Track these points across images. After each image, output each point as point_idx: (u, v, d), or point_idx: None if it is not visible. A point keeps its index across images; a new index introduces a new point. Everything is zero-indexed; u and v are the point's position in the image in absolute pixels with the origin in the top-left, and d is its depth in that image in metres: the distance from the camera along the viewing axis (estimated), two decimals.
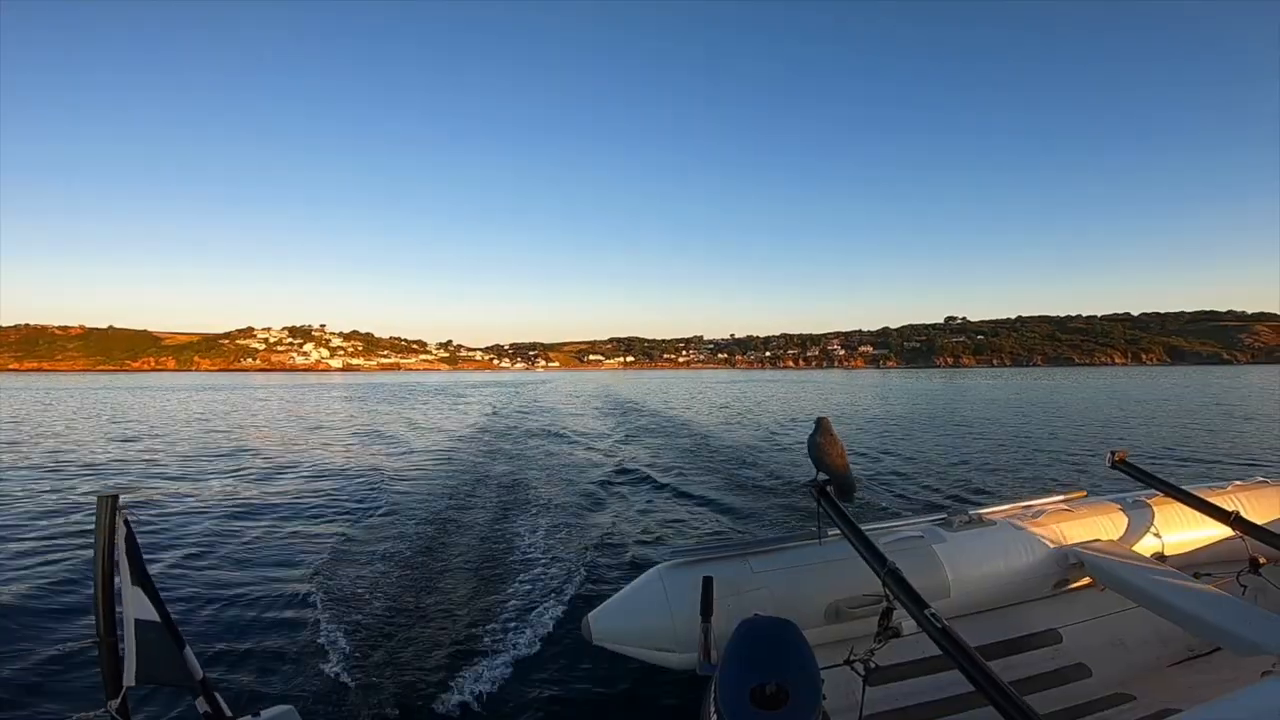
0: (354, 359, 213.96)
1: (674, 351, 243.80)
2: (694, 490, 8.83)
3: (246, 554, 6.05)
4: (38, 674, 3.78)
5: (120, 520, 1.44)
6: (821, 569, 2.82)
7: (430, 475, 10.43)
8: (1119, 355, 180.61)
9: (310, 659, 3.87)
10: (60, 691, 3.57)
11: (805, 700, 1.04)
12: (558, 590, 4.92)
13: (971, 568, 3.00)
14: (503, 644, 4.01)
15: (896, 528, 3.22)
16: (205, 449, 13.99)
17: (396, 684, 3.56)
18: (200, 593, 4.99)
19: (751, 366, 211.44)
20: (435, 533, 6.67)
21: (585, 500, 8.31)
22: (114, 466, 11.43)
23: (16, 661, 3.94)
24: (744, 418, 21.49)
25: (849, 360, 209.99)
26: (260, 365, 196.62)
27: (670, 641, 2.62)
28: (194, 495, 8.72)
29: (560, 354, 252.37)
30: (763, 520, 7.08)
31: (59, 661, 3.91)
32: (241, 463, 11.88)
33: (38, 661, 3.92)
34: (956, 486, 9.08)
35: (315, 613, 4.57)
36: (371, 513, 7.66)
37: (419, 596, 4.90)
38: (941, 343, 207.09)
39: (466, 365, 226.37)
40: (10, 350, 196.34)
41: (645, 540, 6.38)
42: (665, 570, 2.81)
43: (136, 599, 1.46)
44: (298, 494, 8.85)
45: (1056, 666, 3.00)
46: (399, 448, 14.35)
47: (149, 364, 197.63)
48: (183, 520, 7.28)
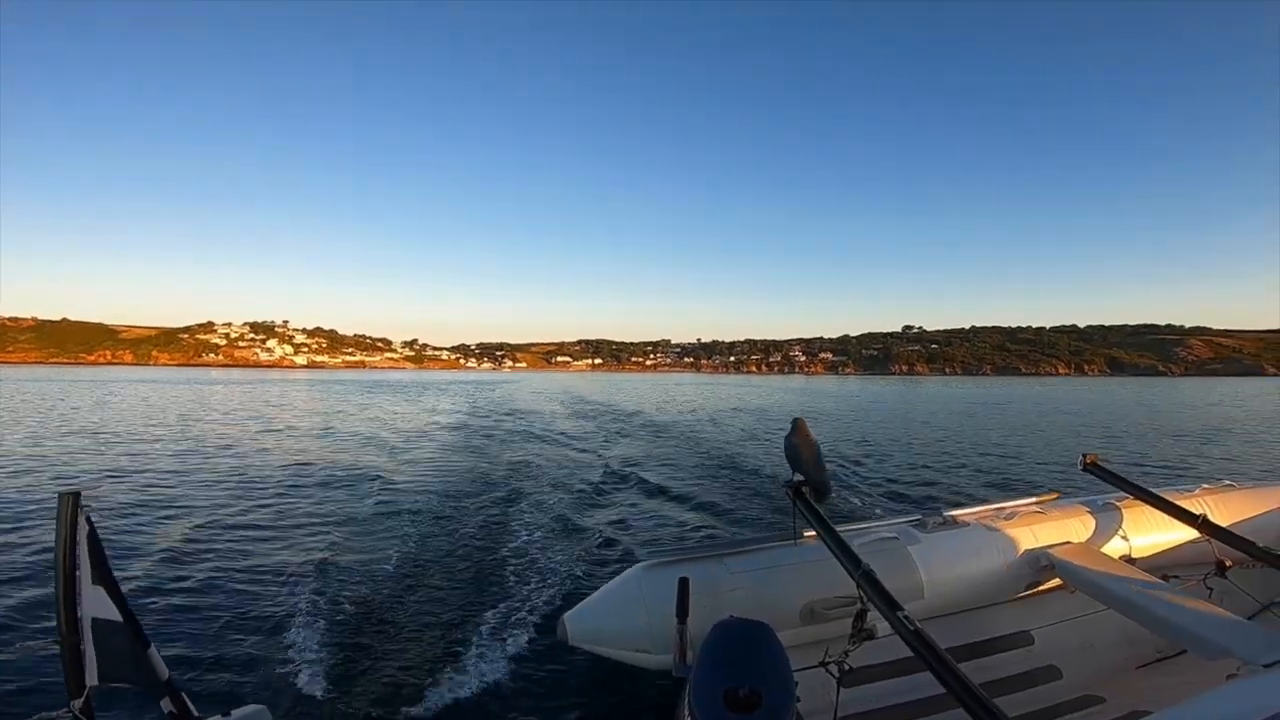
0: (318, 356, 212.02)
1: (642, 354, 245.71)
2: (671, 491, 8.91)
3: (220, 552, 6.04)
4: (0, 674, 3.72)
5: (82, 518, 1.41)
6: (797, 570, 2.82)
7: (408, 472, 10.66)
8: (1063, 366, 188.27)
9: (283, 659, 3.86)
10: (23, 691, 3.53)
11: (778, 703, 1.03)
12: (534, 590, 4.95)
13: (945, 569, 3.02)
14: (478, 644, 4.02)
15: (872, 528, 3.25)
16: (175, 445, 13.89)
17: (371, 685, 3.58)
18: (170, 592, 4.97)
19: (716, 371, 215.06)
20: (413, 532, 6.74)
21: (562, 501, 8.32)
22: (78, 461, 11.35)
23: None
24: (714, 419, 22.14)
25: (809, 366, 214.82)
26: (223, 361, 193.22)
27: (647, 642, 2.62)
28: (164, 492, 8.70)
29: (528, 355, 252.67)
30: (740, 520, 7.05)
31: (21, 661, 3.88)
32: (213, 459, 11.85)
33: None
34: (930, 488, 9.20)
35: (290, 612, 4.58)
36: (347, 513, 7.70)
37: (396, 597, 4.92)
38: (898, 351, 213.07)
39: (432, 364, 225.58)
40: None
41: (622, 541, 6.38)
42: (642, 571, 2.81)
43: (98, 598, 1.45)
44: (274, 491, 8.87)
45: (1027, 668, 3.00)
46: (373, 445, 14.54)
47: (105, 357, 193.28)
48: (152, 517, 7.28)
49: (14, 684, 3.60)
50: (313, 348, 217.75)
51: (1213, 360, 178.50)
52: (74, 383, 50.63)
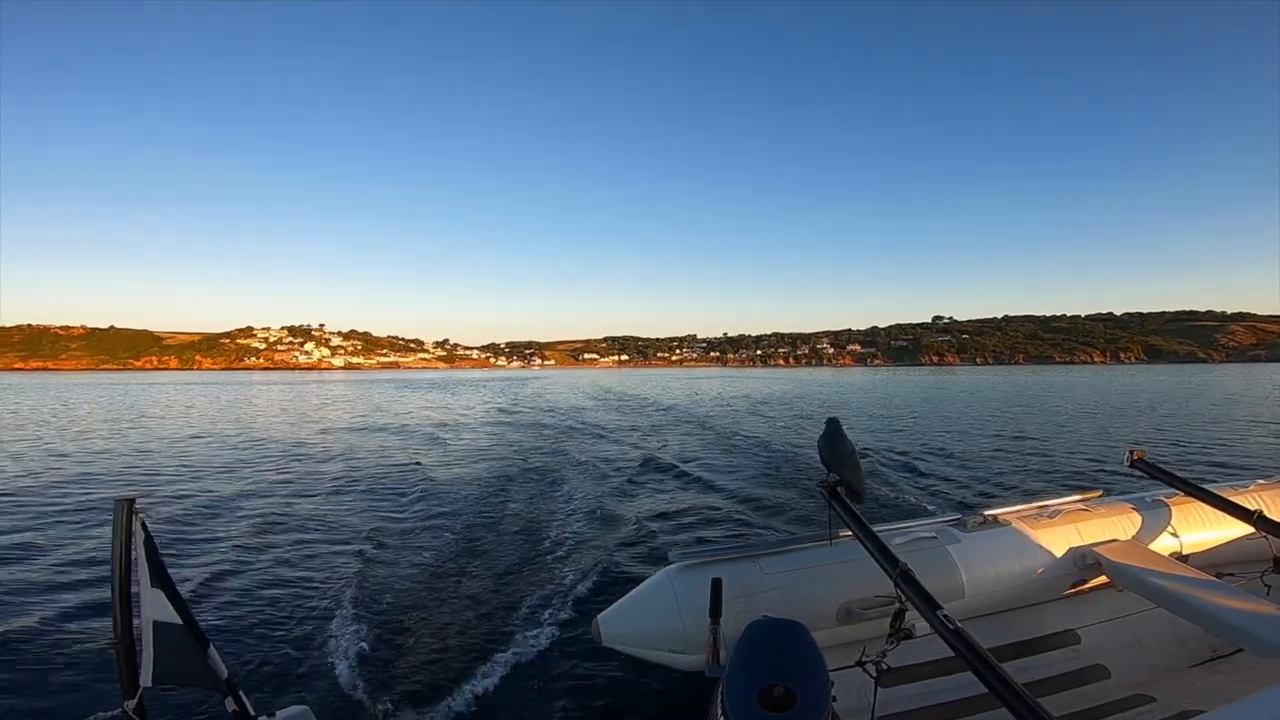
0: (354, 358, 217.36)
1: (668, 350, 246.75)
2: (702, 490, 8.92)
3: (266, 551, 6.23)
4: (58, 674, 3.90)
5: (138, 523, 1.45)
6: (833, 570, 2.80)
7: (445, 468, 10.89)
8: (1099, 354, 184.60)
9: (325, 659, 3.96)
10: (80, 691, 3.68)
11: (813, 702, 1.02)
12: (568, 591, 4.97)
13: (986, 568, 2.99)
14: (514, 645, 4.08)
15: (909, 528, 3.21)
16: (224, 445, 14.33)
17: (409, 683, 3.66)
18: (219, 591, 5.14)
19: (743, 365, 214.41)
20: (450, 531, 6.87)
21: (593, 498, 8.39)
22: (134, 466, 11.72)
23: (37, 662, 4.08)
24: (743, 414, 21.96)
25: (837, 359, 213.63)
26: (263, 364, 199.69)
27: (679, 643, 2.63)
28: (214, 493, 8.96)
29: (556, 353, 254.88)
30: (773, 520, 7.07)
31: (80, 661, 4.03)
32: (260, 459, 12.17)
33: (58, 662, 4.05)
34: (969, 486, 9.05)
35: (332, 610, 4.70)
36: (388, 510, 7.92)
37: (432, 595, 5.04)
38: (928, 341, 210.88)
39: (464, 364, 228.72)
40: (15, 350, 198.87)
41: (655, 541, 6.41)
42: (674, 572, 2.81)
43: (156, 600, 1.48)
44: (320, 488, 9.15)
45: (1074, 667, 2.97)
46: (412, 442, 14.84)
47: (152, 363, 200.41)
48: (203, 519, 7.56)
49: (72, 685, 3.77)
50: (348, 350, 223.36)
51: (1255, 346, 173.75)
52: (127, 386, 52.87)
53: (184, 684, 1.58)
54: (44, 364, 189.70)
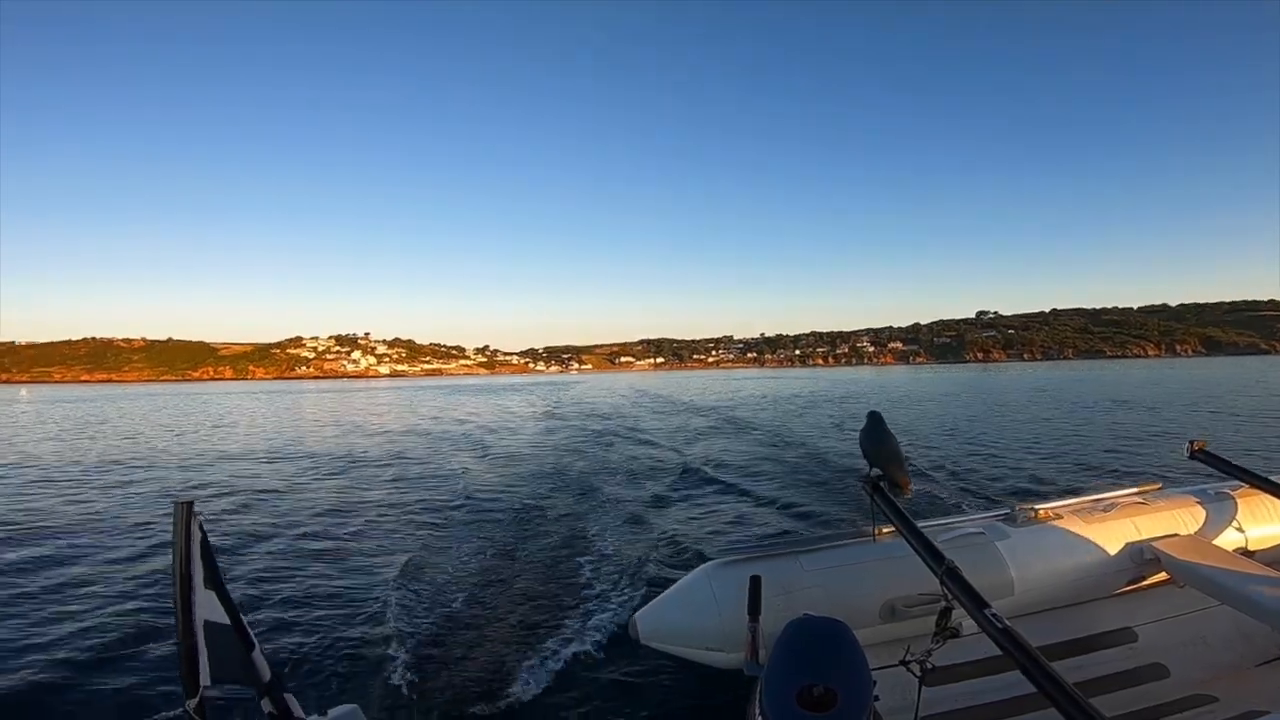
0: (399, 365, 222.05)
1: (704, 352, 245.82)
2: (741, 487, 8.90)
3: (319, 555, 6.32)
4: (121, 673, 3.98)
5: (195, 525, 1.47)
6: (876, 567, 2.77)
7: (488, 471, 11.13)
8: (1153, 347, 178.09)
9: (374, 659, 4.03)
10: (143, 690, 3.76)
11: (855, 701, 1.00)
12: (606, 590, 5.02)
13: (1038, 565, 2.93)
14: (553, 644, 4.12)
15: (956, 524, 3.15)
16: (280, 452, 14.67)
17: (452, 681, 3.71)
18: (271, 593, 5.21)
19: (781, 365, 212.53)
20: (493, 533, 6.97)
21: (631, 496, 8.42)
22: (191, 469, 12.18)
23: (102, 660, 4.17)
24: (780, 413, 21.99)
25: (878, 357, 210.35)
26: (313, 373, 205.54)
27: (718, 641, 2.61)
28: (268, 498, 9.12)
29: (592, 356, 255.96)
30: (813, 519, 7.03)
31: (139, 662, 4.12)
32: (314, 466, 12.37)
33: (119, 662, 4.14)
34: (1018, 482, 8.92)
35: (380, 611, 4.78)
36: (433, 511, 8.03)
37: (476, 594, 5.12)
38: (972, 338, 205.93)
39: (503, 369, 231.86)
40: (81, 363, 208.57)
41: (692, 538, 6.41)
42: (713, 569, 2.80)
43: (209, 601, 1.51)
44: (370, 496, 9.27)
45: (1131, 666, 2.90)
46: (458, 444, 15.29)
47: (208, 374, 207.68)
48: (259, 522, 7.67)
49: (133, 685, 3.86)
50: (393, 357, 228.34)
51: None
52: (188, 396, 55.01)
53: (231, 683, 1.60)
54: (109, 376, 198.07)
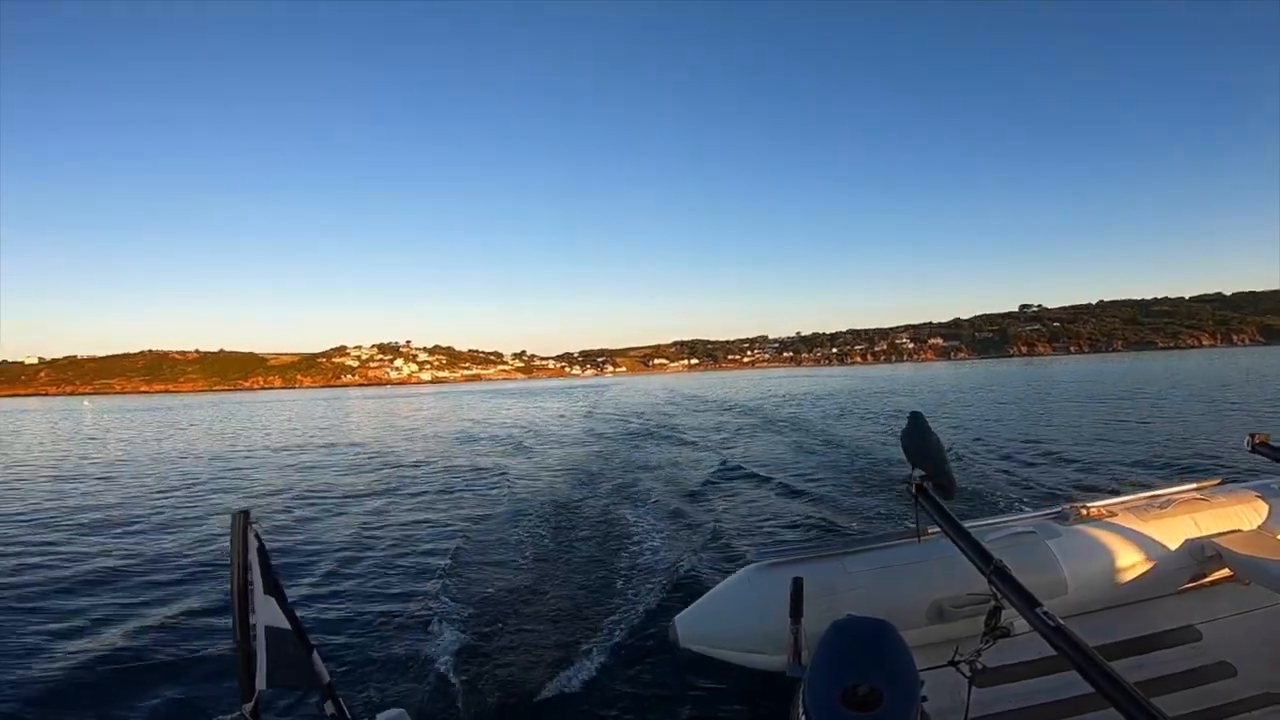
0: (439, 371, 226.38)
1: (738, 352, 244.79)
2: (780, 488, 8.85)
3: (365, 560, 6.44)
4: (181, 678, 4.09)
5: (252, 533, 1.52)
6: (922, 568, 2.76)
7: (530, 472, 11.31)
8: (1207, 337, 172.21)
9: (420, 663, 4.09)
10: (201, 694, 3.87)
11: (902, 701, 0.98)
12: (645, 592, 5.04)
13: (1092, 563, 2.88)
14: (593, 647, 4.14)
15: (1005, 523, 3.12)
16: (329, 459, 15.12)
17: (494, 686, 3.78)
18: (319, 599, 5.35)
19: (818, 364, 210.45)
20: (534, 536, 7.06)
21: (671, 501, 8.41)
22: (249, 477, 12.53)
23: (162, 666, 4.27)
24: (819, 412, 21.87)
25: (918, 353, 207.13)
26: (358, 381, 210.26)
27: (759, 644, 2.61)
28: (317, 504, 9.33)
29: (626, 359, 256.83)
30: (854, 520, 6.99)
31: (200, 665, 4.24)
32: (362, 472, 12.66)
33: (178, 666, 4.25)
34: (1068, 479, 8.73)
35: (426, 617, 4.84)
36: (477, 514, 8.17)
37: (519, 600, 5.17)
38: (1015, 331, 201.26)
39: (541, 373, 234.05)
40: (140, 374, 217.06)
41: (731, 540, 6.41)
42: (754, 571, 2.79)
43: (268, 607, 1.56)
44: (414, 501, 9.42)
45: (1194, 665, 2.83)
46: (501, 448, 15.56)
47: (258, 383, 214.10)
48: (307, 529, 7.87)
49: (194, 688, 4.00)
50: (434, 364, 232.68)
51: None
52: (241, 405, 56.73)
53: (291, 687, 1.77)
54: (165, 386, 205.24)
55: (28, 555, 7.18)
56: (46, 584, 6.14)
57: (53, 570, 6.58)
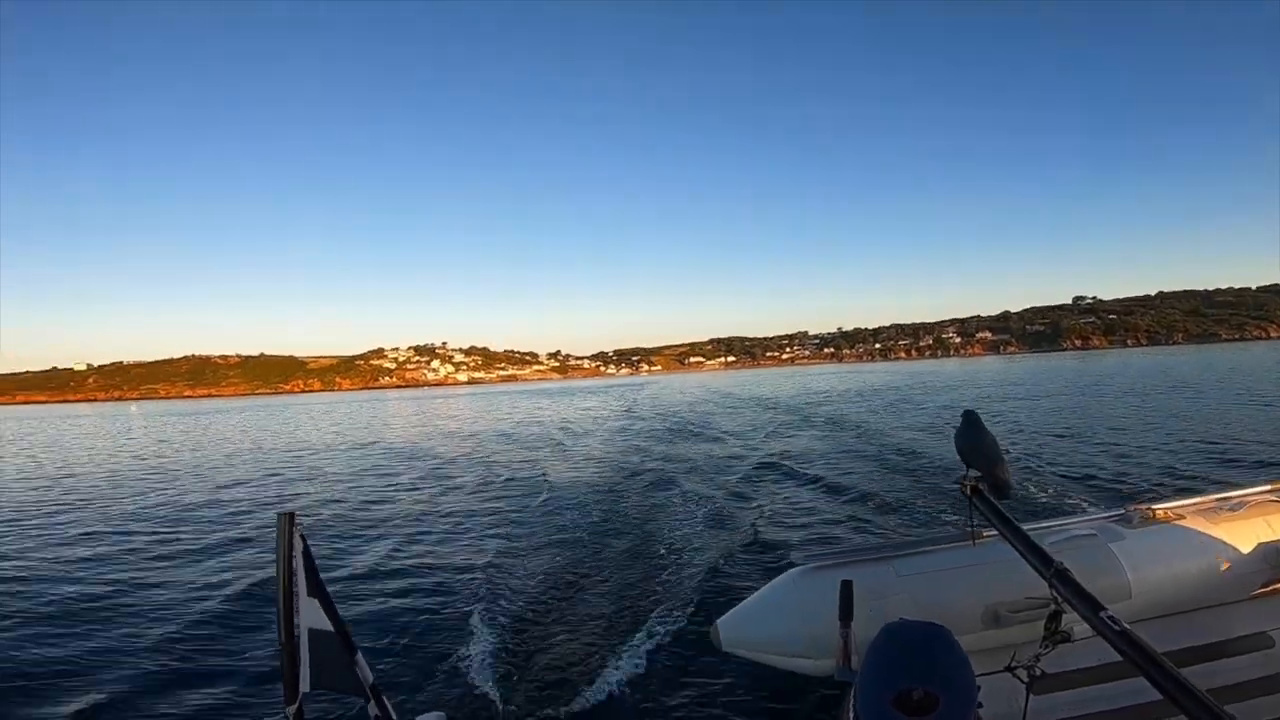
0: (476, 372, 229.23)
1: (777, 349, 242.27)
2: (825, 489, 8.70)
3: (406, 562, 6.49)
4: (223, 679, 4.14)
5: (297, 535, 1.53)
6: (976, 571, 2.71)
7: (569, 472, 11.39)
8: (1275, 328, 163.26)
9: (459, 665, 4.13)
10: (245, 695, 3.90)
11: (957, 706, 0.95)
12: (685, 596, 4.99)
13: (1158, 568, 2.81)
14: (633, 651, 4.12)
15: (1065, 526, 3.07)
16: (370, 460, 15.34)
17: (533, 689, 3.78)
18: (361, 600, 5.40)
19: (860, 360, 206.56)
20: (573, 537, 7.06)
21: (710, 502, 8.33)
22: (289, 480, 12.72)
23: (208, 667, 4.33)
24: (864, 409, 21.62)
25: (965, 348, 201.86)
26: (396, 382, 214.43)
27: (804, 648, 2.58)
28: (358, 505, 9.46)
29: (661, 357, 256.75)
30: (902, 523, 6.90)
31: (242, 668, 4.28)
32: (403, 473, 12.80)
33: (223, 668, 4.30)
34: (1131, 480, 8.43)
35: (465, 619, 4.87)
36: (516, 514, 8.26)
37: (558, 602, 5.16)
38: (1068, 324, 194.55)
39: (576, 373, 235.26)
40: (184, 379, 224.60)
41: (774, 543, 6.31)
42: (799, 574, 2.77)
43: (312, 609, 1.57)
44: (453, 502, 9.52)
45: (1269, 672, 2.75)
46: (539, 451, 15.52)
47: (298, 386, 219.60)
48: (348, 530, 7.95)
49: (235, 690, 4.04)
50: (470, 365, 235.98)
51: None
52: (284, 408, 58.64)
53: (335, 690, 1.66)
54: (209, 391, 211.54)
55: (78, 557, 7.33)
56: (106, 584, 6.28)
57: (107, 572, 6.70)
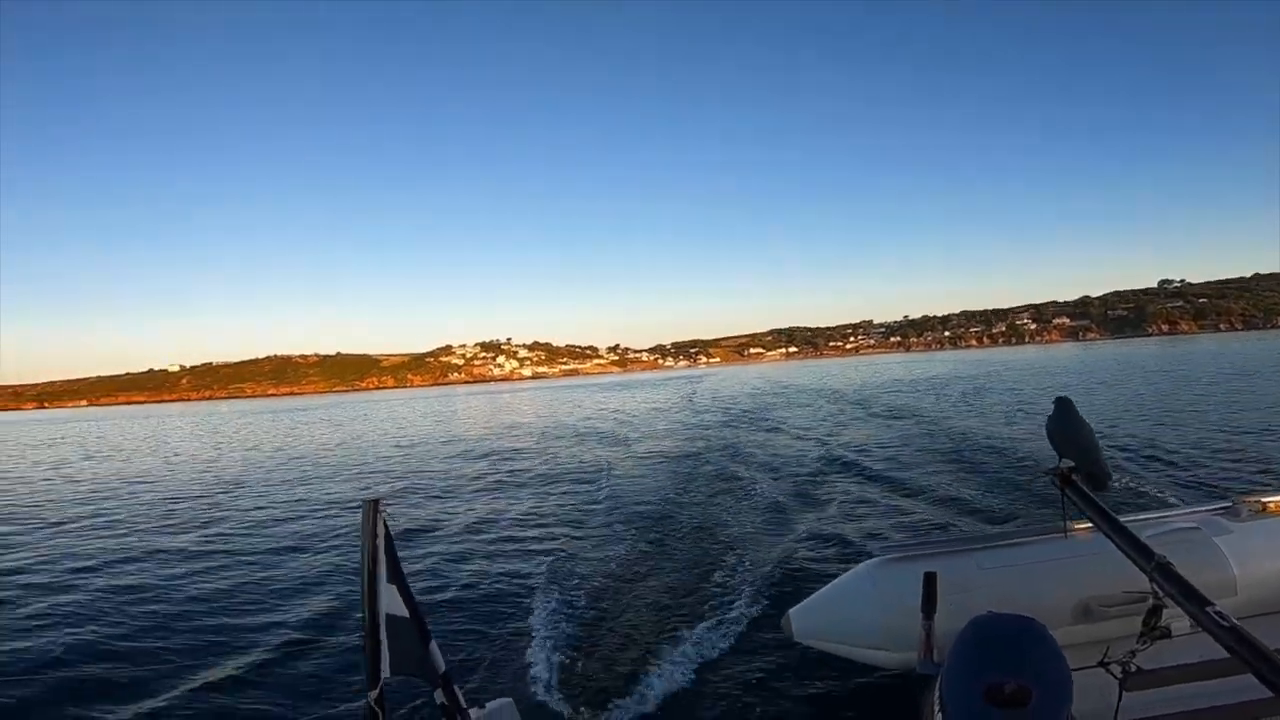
0: (539, 367, 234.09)
1: (840, 338, 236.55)
2: (898, 483, 8.58)
3: (474, 552, 6.60)
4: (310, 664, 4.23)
5: (381, 521, 1.54)
6: (1068, 564, 2.67)
7: (633, 464, 11.53)
8: None
9: (525, 651, 4.16)
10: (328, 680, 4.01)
11: (1051, 700, 0.92)
12: (753, 586, 4.98)
13: (1266, 563, 2.71)
14: (700, 641, 4.12)
15: (1164, 519, 2.97)
16: (440, 452, 15.92)
17: (602, 678, 3.77)
18: (431, 589, 5.48)
19: (929, 348, 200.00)
20: (637, 528, 7.08)
21: (777, 494, 8.26)
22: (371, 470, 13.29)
23: (294, 653, 4.42)
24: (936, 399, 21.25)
25: (1042, 334, 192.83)
26: (464, 378, 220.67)
27: (881, 640, 2.56)
28: (431, 495, 9.78)
29: (720, 349, 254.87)
30: (982, 514, 6.81)
31: (320, 654, 4.37)
32: (472, 465, 13.24)
33: (306, 652, 4.39)
34: (1236, 472, 8.09)
35: (532, 607, 4.91)
36: (581, 505, 8.38)
37: (623, 592, 5.17)
38: (1154, 309, 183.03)
39: (635, 366, 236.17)
40: (267, 378, 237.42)
41: (842, 533, 6.28)
42: (877, 565, 2.74)
43: (391, 595, 1.59)
44: (520, 494, 9.81)
45: None
46: (601, 444, 15.81)
47: (373, 383, 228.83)
48: (420, 518, 8.24)
49: (321, 674, 4.17)
50: (534, 360, 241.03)
51: None
52: (366, 403, 62.35)
53: (408, 675, 1.68)
54: (290, 389, 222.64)
55: (181, 544, 7.92)
56: (201, 571, 6.68)
57: (202, 560, 7.16)
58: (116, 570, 6.89)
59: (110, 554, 7.55)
